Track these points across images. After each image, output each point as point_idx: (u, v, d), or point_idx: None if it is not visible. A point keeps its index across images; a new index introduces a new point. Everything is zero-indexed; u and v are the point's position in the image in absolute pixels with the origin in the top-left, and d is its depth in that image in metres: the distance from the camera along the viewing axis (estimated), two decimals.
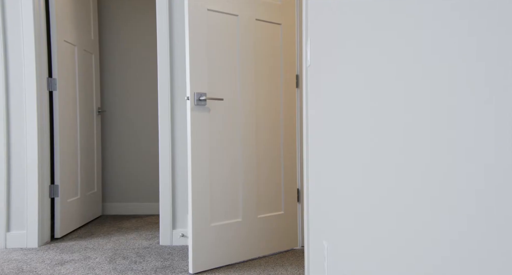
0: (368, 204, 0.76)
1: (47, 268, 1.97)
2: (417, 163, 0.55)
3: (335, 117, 1.06)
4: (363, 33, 0.79)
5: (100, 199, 3.19)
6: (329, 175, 1.14)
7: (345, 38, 0.94)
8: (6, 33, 2.33)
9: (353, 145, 0.87)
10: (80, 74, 2.84)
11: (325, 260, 1.18)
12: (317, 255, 1.39)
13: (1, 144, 2.33)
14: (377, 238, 0.71)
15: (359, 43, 0.82)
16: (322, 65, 1.30)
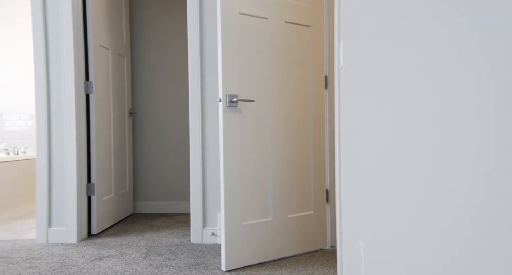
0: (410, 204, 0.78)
1: (87, 262, 2.07)
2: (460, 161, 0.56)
3: (372, 119, 1.08)
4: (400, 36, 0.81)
5: (131, 197, 3.30)
6: (366, 175, 1.16)
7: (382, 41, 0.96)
8: (47, 39, 2.45)
9: (393, 146, 0.89)
10: (113, 77, 2.95)
11: (361, 260, 1.20)
12: (351, 255, 1.41)
13: (43, 145, 2.46)
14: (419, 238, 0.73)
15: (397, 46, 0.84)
16: (356, 67, 1.32)
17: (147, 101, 3.42)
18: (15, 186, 3.73)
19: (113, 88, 2.94)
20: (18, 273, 1.92)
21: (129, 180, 3.26)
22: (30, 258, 2.14)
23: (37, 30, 2.44)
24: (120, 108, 3.09)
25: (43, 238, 2.46)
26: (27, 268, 1.98)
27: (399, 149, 0.85)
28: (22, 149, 4.13)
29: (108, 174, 2.84)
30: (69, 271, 1.94)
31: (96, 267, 2.00)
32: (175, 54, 3.42)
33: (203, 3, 2.43)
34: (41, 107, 2.46)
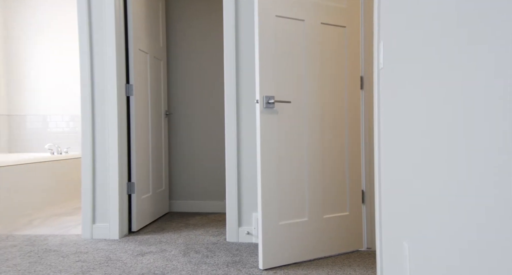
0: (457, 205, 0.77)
1: (130, 258, 2.17)
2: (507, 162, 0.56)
3: (414, 118, 1.07)
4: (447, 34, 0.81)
5: (167, 196, 3.41)
6: (410, 175, 1.15)
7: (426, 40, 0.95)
8: (92, 44, 2.58)
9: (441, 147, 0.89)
10: (151, 79, 3.06)
11: (406, 262, 1.19)
12: (393, 257, 1.40)
13: (88, 146, 2.59)
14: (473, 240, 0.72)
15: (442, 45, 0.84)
16: (397, 67, 1.31)
17: (182, 102, 3.52)
18: (59, 184, 3.94)
19: (150, 90, 3.05)
20: (68, 265, 2.04)
21: (165, 179, 3.36)
22: (78, 252, 2.27)
23: (83, 36, 2.57)
24: (156, 109, 3.20)
25: (88, 233, 2.59)
26: (76, 261, 2.10)
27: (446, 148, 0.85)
28: (65, 149, 4.35)
29: (146, 173, 2.95)
30: (114, 265, 2.04)
31: (139, 262, 2.09)
32: (209, 56, 3.50)
33: (239, 6, 2.48)
34: (86, 110, 2.59)
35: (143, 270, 1.97)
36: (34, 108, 4.44)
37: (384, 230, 1.56)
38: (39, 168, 3.65)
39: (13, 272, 1.95)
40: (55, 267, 2.02)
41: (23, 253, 2.26)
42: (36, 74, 4.44)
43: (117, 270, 1.97)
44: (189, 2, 3.50)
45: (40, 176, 3.67)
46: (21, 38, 4.43)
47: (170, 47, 3.53)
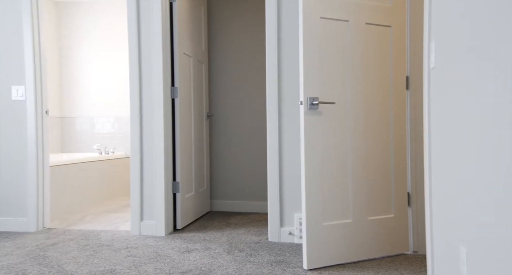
0: None
1: (177, 254, 2.25)
2: None
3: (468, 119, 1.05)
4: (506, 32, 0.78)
5: (208, 196, 3.50)
6: (469, 181, 1.12)
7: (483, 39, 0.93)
8: (140, 50, 2.71)
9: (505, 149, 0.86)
10: (194, 82, 3.16)
11: (464, 266, 1.17)
12: (445, 261, 1.37)
13: (136, 146, 2.71)
14: None
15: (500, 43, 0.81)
16: (451, 67, 1.28)
17: (223, 104, 3.60)
18: (106, 183, 4.15)
19: (193, 93, 3.15)
20: (121, 259, 2.15)
21: (206, 179, 3.45)
22: (128, 248, 2.39)
23: (132, 43, 2.70)
24: (199, 111, 3.29)
25: (136, 230, 2.71)
26: (128, 256, 2.22)
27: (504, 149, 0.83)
28: (111, 149, 4.57)
29: (189, 173, 3.05)
30: (163, 261, 2.13)
31: (186, 259, 2.17)
32: (249, 58, 3.55)
33: (281, 8, 2.51)
34: (134, 112, 2.72)
35: (190, 266, 2.04)
36: (83, 111, 4.71)
37: (435, 234, 1.52)
38: (88, 167, 3.87)
39: (73, 264, 2.09)
40: (109, 261, 2.14)
41: (79, 247, 2.41)
42: (85, 79, 4.70)
43: (166, 266, 2.05)
44: (229, 6, 3.57)
45: (90, 175, 3.88)
46: (73, 45, 4.71)
47: (211, 50, 3.62)
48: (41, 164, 2.87)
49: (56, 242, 2.52)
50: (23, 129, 2.85)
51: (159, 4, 2.65)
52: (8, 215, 2.85)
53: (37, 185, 2.83)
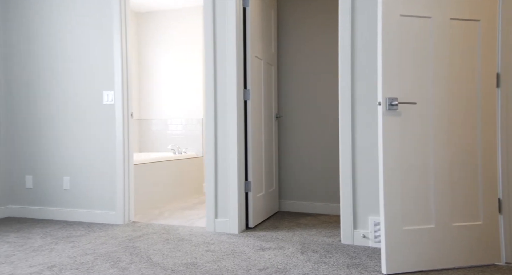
0: None
1: (252, 251, 2.33)
2: None
3: None
4: None
5: (277, 196, 3.55)
6: None
7: None
8: (215, 54, 2.84)
9: None
10: (264, 84, 3.23)
11: None
12: None
13: (211, 147, 2.85)
14: None
15: None
16: None
17: (291, 105, 3.63)
18: (180, 181, 4.41)
19: (263, 94, 3.22)
20: (201, 254, 2.28)
21: (275, 179, 3.51)
22: (206, 243, 2.52)
23: (208, 47, 2.84)
24: (268, 112, 3.36)
25: (211, 227, 2.85)
26: (206, 251, 2.34)
27: None
28: (184, 149, 4.84)
29: (259, 173, 3.12)
30: (240, 257, 2.22)
31: (261, 256, 2.23)
32: (318, 59, 3.54)
33: (355, 7, 2.47)
34: (209, 114, 2.86)
35: (266, 264, 2.09)
36: (157, 113, 5.05)
37: None
38: (164, 166, 4.14)
39: (159, 255, 2.26)
40: (190, 254, 2.27)
41: (162, 240, 2.59)
42: (160, 83, 5.04)
43: (243, 262, 2.13)
44: (299, 7, 3.60)
45: (165, 173, 4.15)
46: (149, 52, 5.08)
47: (280, 52, 3.67)
48: (127, 163, 3.14)
49: (142, 234, 2.74)
50: (112, 131, 3.14)
51: (233, 10, 2.76)
52: (100, 208, 3.16)
53: (124, 182, 3.11)
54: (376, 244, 2.42)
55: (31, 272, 2.00)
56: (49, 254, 2.28)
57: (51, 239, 2.63)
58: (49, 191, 3.30)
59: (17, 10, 3.38)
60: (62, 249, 2.40)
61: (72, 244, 2.50)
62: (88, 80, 3.19)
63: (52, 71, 3.30)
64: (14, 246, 2.46)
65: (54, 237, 2.67)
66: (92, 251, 2.35)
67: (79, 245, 2.48)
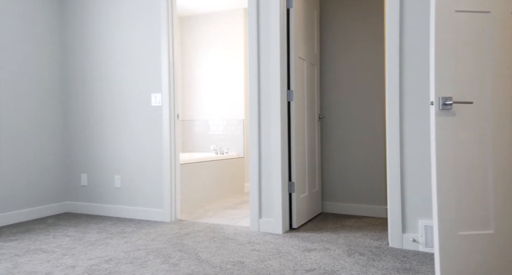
0: None
1: (298, 252, 2.33)
2: None
3: None
4: None
5: (320, 197, 3.52)
6: None
7: None
8: (259, 55, 2.87)
9: None
10: (307, 85, 3.22)
11: None
12: None
13: (255, 148, 2.88)
14: None
15: None
16: None
17: (334, 105, 3.58)
18: (222, 181, 4.49)
19: (306, 95, 3.21)
20: (247, 253, 2.32)
21: (318, 180, 3.48)
22: (251, 242, 2.55)
23: (252, 49, 2.88)
24: (311, 113, 3.34)
25: (255, 226, 2.88)
26: (252, 250, 2.37)
27: None
28: (225, 150, 4.93)
29: (303, 174, 3.11)
30: (286, 257, 2.23)
31: (307, 257, 2.23)
32: (362, 58, 3.47)
33: (404, 4, 2.40)
34: (253, 115, 2.89)
35: (313, 265, 2.09)
36: (199, 114, 5.18)
37: None
38: (206, 166, 4.24)
39: (206, 253, 2.33)
40: (236, 253, 2.32)
41: (208, 238, 2.66)
42: (202, 85, 5.17)
43: (290, 263, 2.14)
44: (341, 6, 3.55)
45: (208, 173, 4.25)
46: (191, 54, 5.23)
47: (323, 52, 3.64)
48: (174, 162, 3.25)
49: (188, 232, 2.83)
50: (159, 132, 3.27)
51: (277, 11, 2.78)
52: (149, 206, 3.30)
53: (171, 182, 3.22)
54: (428, 248, 2.34)
55: (91, 264, 2.13)
56: (105, 248, 2.42)
57: (105, 234, 2.78)
58: (102, 189, 3.50)
59: (74, 15, 3.61)
60: (116, 244, 2.53)
61: (125, 239, 2.64)
62: (137, 83, 3.35)
63: (106, 75, 3.49)
64: (74, 240, 2.63)
65: (108, 233, 2.82)
66: (144, 247, 2.46)
67: (131, 240, 2.61)
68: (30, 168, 3.32)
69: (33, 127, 3.36)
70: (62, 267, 2.08)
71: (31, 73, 3.35)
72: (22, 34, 3.28)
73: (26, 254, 2.31)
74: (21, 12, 3.27)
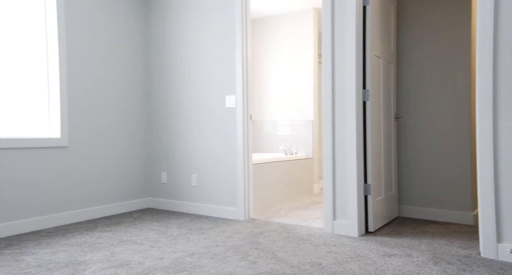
0: None
1: (377, 257, 2.24)
2: None
3: None
4: None
5: (396, 200, 3.36)
6: None
7: None
8: (334, 54, 2.83)
9: None
10: (383, 83, 3.09)
11: None
12: None
13: (328, 148, 2.84)
14: None
15: None
16: None
17: (412, 105, 3.39)
18: (291, 181, 4.50)
19: (382, 94, 3.08)
20: (323, 255, 2.29)
21: (394, 183, 3.32)
22: (326, 244, 2.52)
23: (326, 48, 2.85)
24: (387, 113, 3.20)
25: (330, 228, 2.84)
26: (328, 252, 2.34)
27: None
28: (294, 150, 4.94)
29: (378, 176, 3.00)
30: (365, 261, 2.16)
31: (388, 263, 2.14)
32: (442, 54, 3.24)
33: None
34: (327, 115, 2.86)
35: (396, 271, 2.00)
36: (268, 115, 5.24)
37: None
38: (276, 166, 4.27)
39: (283, 252, 2.35)
40: (313, 254, 2.30)
41: (283, 238, 2.69)
42: (270, 86, 5.23)
43: (370, 267, 2.07)
44: (419, 1, 3.35)
45: (277, 173, 4.28)
46: (260, 56, 5.32)
47: (399, 49, 3.47)
48: (247, 162, 3.34)
49: (263, 231, 2.88)
50: (233, 132, 3.38)
51: (353, 9, 2.71)
52: (223, 204, 3.43)
53: (244, 181, 3.31)
54: None
55: (176, 257, 2.27)
56: (187, 243, 2.56)
57: (185, 229, 2.95)
58: (180, 187, 3.71)
59: (156, 17, 3.89)
60: (196, 239, 2.67)
61: (203, 235, 2.77)
62: (213, 86, 3.50)
63: (183, 78, 3.70)
64: (158, 234, 2.83)
65: (188, 228, 2.98)
66: (222, 243, 2.56)
67: (209, 237, 2.73)
68: (118, 166, 3.64)
69: (120, 127, 3.68)
70: (152, 258, 2.24)
71: (119, 76, 3.67)
72: (115, 39, 3.61)
73: (120, 244, 2.54)
74: (112, 19, 3.61)
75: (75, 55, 3.28)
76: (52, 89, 3.16)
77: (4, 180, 2.79)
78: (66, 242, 2.61)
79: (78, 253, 2.35)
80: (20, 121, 2.97)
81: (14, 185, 2.85)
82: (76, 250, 2.42)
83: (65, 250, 2.42)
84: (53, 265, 2.13)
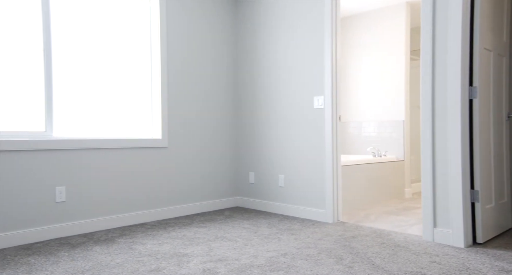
0: None
1: (492, 272, 2.01)
2: None
3: None
4: None
5: (510, 209, 2.98)
6: None
7: None
8: (434, 49, 2.62)
9: None
10: (493, 79, 2.77)
11: None
12: None
13: (427, 150, 2.64)
14: None
15: None
16: None
17: None
18: (380, 184, 4.28)
19: (492, 91, 2.76)
20: (426, 264, 2.13)
21: (507, 190, 2.95)
22: (427, 253, 2.34)
23: (425, 42, 2.65)
24: (498, 111, 2.86)
25: (429, 236, 2.63)
26: (431, 262, 2.17)
27: None
28: (383, 152, 4.69)
29: (488, 182, 2.69)
30: None
31: None
32: None
33: None
34: (426, 115, 2.65)
35: None
36: (353, 116, 5.07)
37: None
38: (364, 169, 4.11)
39: (379, 259, 2.24)
40: (413, 263, 2.15)
41: (376, 243, 2.56)
42: (358, 85, 5.05)
43: None
44: None
45: (365, 175, 4.11)
46: (349, 54, 5.17)
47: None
48: (335, 164, 3.27)
49: (354, 235, 2.79)
50: (321, 134, 3.33)
51: None
52: (311, 206, 3.40)
53: (333, 183, 3.24)
54: None
55: (270, 256, 2.31)
56: (278, 243, 2.60)
57: (275, 229, 2.99)
58: (267, 187, 3.78)
59: (244, 20, 4.03)
60: (287, 239, 2.69)
61: (294, 236, 2.78)
62: (301, 87, 3.50)
63: (270, 79, 3.77)
64: (249, 232, 2.92)
65: (277, 228, 3.02)
66: (313, 245, 2.54)
67: (300, 238, 2.73)
68: (210, 166, 3.85)
69: (212, 130, 3.88)
70: (247, 256, 2.32)
71: (212, 82, 3.88)
72: (209, 41, 3.83)
73: (215, 240, 2.68)
74: (208, 21, 3.83)
75: (174, 65, 3.55)
76: (155, 95, 3.47)
77: (111, 177, 3.14)
78: (169, 235, 2.84)
79: (180, 246, 2.54)
80: (127, 123, 3.31)
81: (121, 182, 3.18)
82: (178, 243, 2.61)
83: (169, 242, 2.63)
84: (161, 256, 2.33)
